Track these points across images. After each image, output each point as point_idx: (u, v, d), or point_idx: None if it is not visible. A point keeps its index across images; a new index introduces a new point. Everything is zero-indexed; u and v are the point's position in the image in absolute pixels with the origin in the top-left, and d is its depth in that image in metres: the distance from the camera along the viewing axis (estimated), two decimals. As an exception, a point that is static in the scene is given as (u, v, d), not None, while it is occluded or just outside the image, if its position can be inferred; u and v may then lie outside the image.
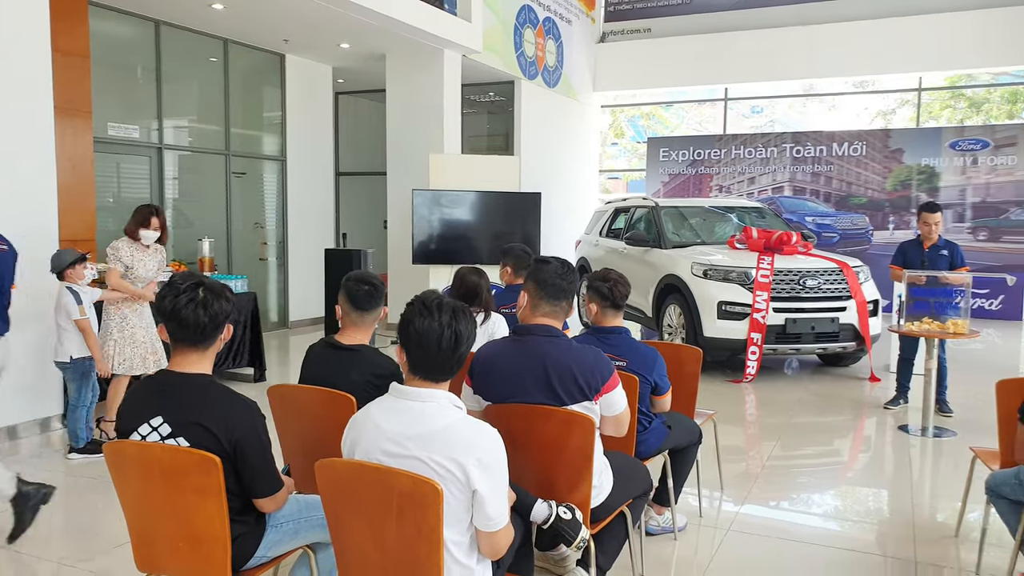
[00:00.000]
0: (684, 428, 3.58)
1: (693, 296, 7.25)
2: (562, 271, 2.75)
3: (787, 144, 12.62)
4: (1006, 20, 11.15)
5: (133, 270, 5.06)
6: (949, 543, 3.64)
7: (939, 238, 5.98)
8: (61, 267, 4.74)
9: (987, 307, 11.18)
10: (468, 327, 2.03)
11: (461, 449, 1.90)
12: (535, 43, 11.40)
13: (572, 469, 2.57)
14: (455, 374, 2.06)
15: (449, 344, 1.98)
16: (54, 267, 4.76)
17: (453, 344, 1.99)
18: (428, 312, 1.99)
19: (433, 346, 1.98)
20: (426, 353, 1.99)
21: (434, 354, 1.99)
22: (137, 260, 5.09)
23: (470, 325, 2.04)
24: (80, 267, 4.78)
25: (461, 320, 2.01)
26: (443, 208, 8.97)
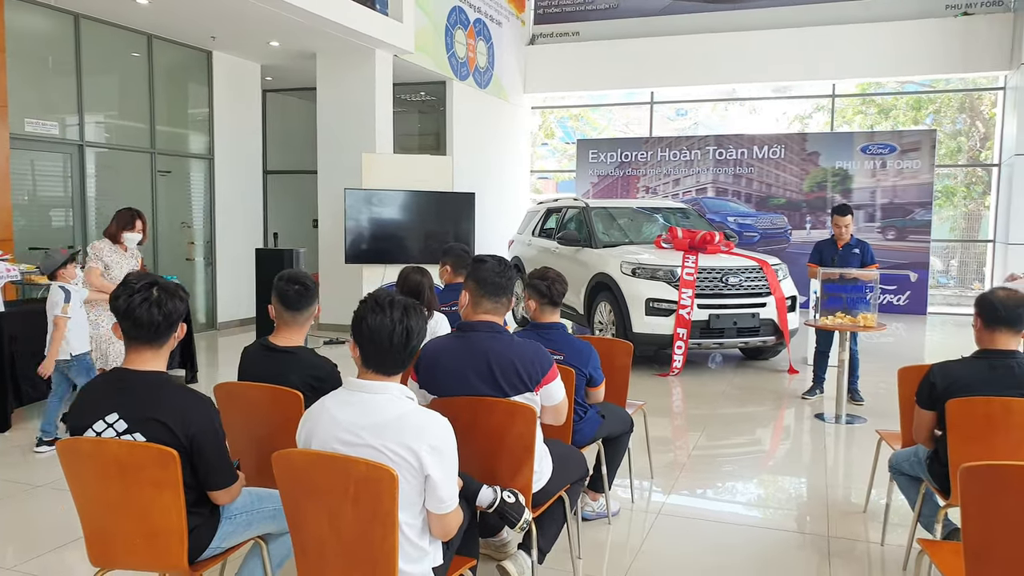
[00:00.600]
0: (617, 418, 3.76)
1: (622, 294, 7.49)
2: (500, 269, 2.87)
3: (710, 147, 13.07)
4: (911, 33, 11.83)
5: (111, 271, 5.13)
6: (859, 519, 3.94)
7: (851, 238, 6.36)
8: (53, 268, 4.78)
9: (895, 302, 11.85)
10: (419, 323, 2.14)
11: (414, 436, 2.01)
12: (466, 44, 11.51)
13: (514, 456, 2.70)
14: (406, 367, 2.17)
15: (401, 339, 2.09)
16: (45, 269, 4.81)
17: (405, 339, 2.10)
18: (380, 309, 2.09)
19: (385, 341, 2.08)
20: (379, 348, 2.09)
21: (386, 349, 2.09)
22: (115, 262, 5.17)
23: (421, 321, 2.15)
24: (72, 266, 4.84)
25: (412, 316, 2.11)
26: (376, 207, 8.99)
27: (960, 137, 17.33)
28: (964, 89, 15.33)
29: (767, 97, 17.02)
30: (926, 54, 11.83)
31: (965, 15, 11.70)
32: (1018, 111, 10.90)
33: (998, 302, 2.88)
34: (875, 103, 17.61)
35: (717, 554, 3.55)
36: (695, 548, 3.63)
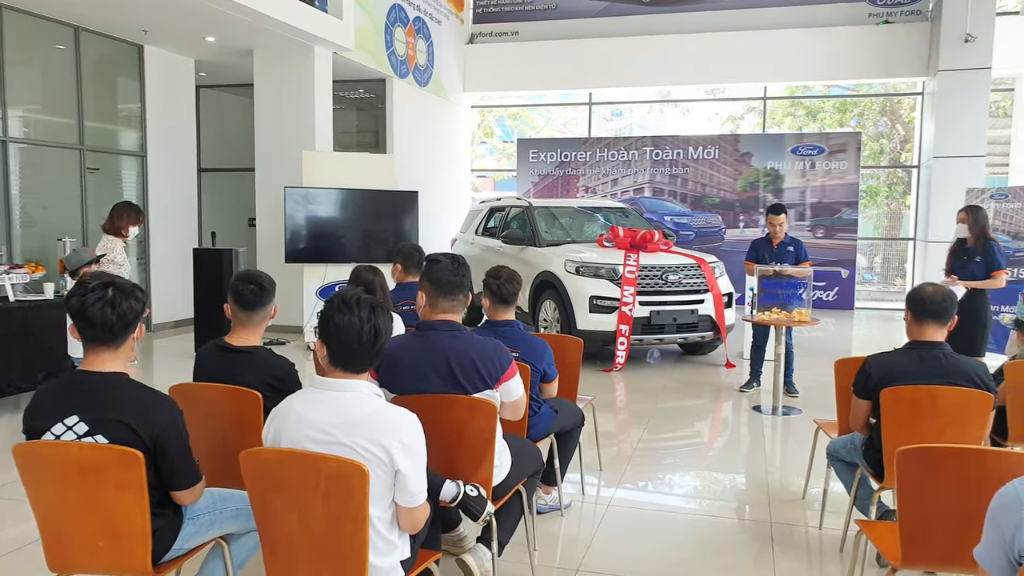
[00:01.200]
0: (569, 412, 3.85)
1: (567, 291, 7.61)
2: (453, 268, 2.92)
3: (647, 147, 13.34)
4: (838, 39, 12.30)
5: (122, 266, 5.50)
6: (798, 505, 4.12)
7: (786, 236, 6.60)
8: (80, 265, 4.91)
9: (824, 298, 12.31)
10: (386, 321, 2.17)
11: (385, 433, 2.05)
12: (406, 42, 11.47)
13: (475, 451, 2.76)
14: (374, 365, 2.19)
15: (369, 338, 2.12)
16: (72, 265, 4.92)
17: (373, 338, 2.12)
18: (348, 308, 2.11)
19: (354, 340, 2.10)
20: (347, 347, 2.11)
21: (355, 348, 2.11)
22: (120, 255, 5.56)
23: (387, 320, 2.18)
24: (95, 267, 4.97)
25: (379, 315, 2.14)
26: (317, 206, 8.88)
27: (882, 139, 18.12)
28: (886, 94, 16.03)
29: (701, 99, 17.45)
30: (851, 60, 12.32)
31: (887, 23, 12.23)
32: (935, 116, 11.46)
33: (926, 297, 3.07)
34: (804, 106, 18.26)
35: (664, 544, 3.67)
36: (643, 539, 3.74)
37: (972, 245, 5.59)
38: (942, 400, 2.98)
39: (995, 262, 5.43)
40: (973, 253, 5.55)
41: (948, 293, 3.11)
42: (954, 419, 2.98)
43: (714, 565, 3.43)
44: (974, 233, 5.58)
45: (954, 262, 5.75)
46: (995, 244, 5.50)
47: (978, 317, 5.42)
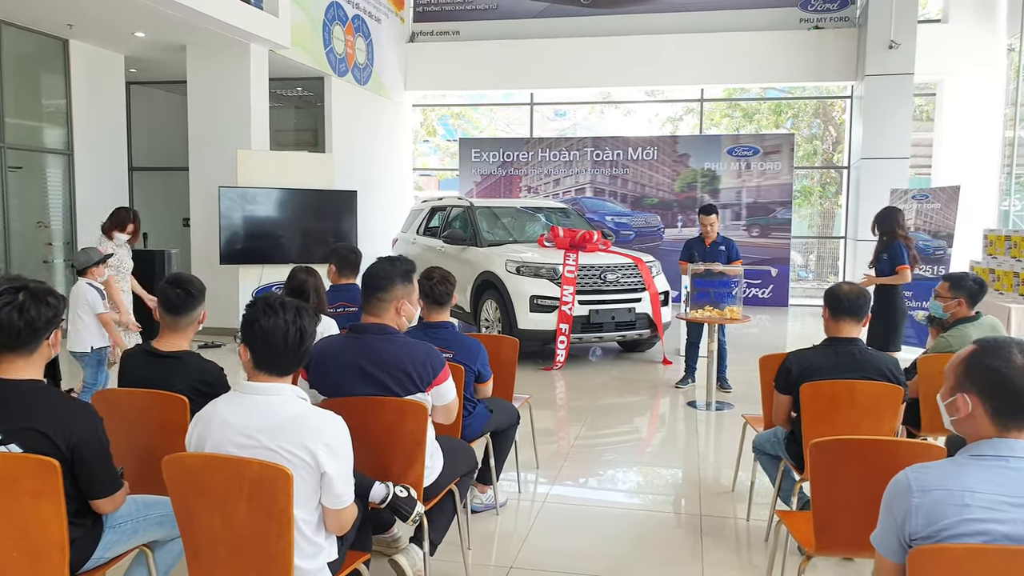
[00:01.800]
0: (504, 411, 3.88)
1: (508, 291, 7.65)
2: (383, 272, 2.91)
3: (588, 148, 13.48)
4: (771, 43, 12.63)
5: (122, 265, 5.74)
6: (727, 497, 4.23)
7: (718, 235, 6.77)
8: (88, 265, 5.03)
9: (759, 295, 12.63)
10: (311, 324, 2.17)
11: (311, 436, 2.04)
12: (344, 40, 11.36)
13: (406, 452, 2.77)
14: (299, 368, 2.19)
15: (295, 341, 2.11)
16: (81, 264, 5.05)
17: (298, 341, 2.12)
18: (272, 311, 2.11)
19: (279, 343, 2.09)
20: (272, 350, 2.10)
21: (280, 351, 2.10)
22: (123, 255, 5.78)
23: (313, 322, 2.18)
24: (102, 266, 5.14)
25: (304, 317, 2.14)
26: (253, 206, 8.74)
27: (815, 141, 18.69)
28: (818, 96, 16.52)
29: (641, 100, 17.71)
30: (784, 63, 12.66)
31: (817, 28, 12.61)
32: (863, 118, 11.86)
33: (843, 295, 3.20)
34: (741, 107, 18.71)
35: (598, 538, 3.74)
36: (578, 534, 3.80)
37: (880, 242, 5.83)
38: (858, 394, 3.10)
39: (898, 258, 5.64)
40: (882, 252, 5.80)
41: (863, 291, 3.25)
42: (869, 412, 3.11)
43: (646, 558, 3.51)
44: (884, 231, 5.82)
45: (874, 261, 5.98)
46: (900, 242, 5.72)
47: (891, 313, 5.67)
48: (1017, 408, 1.67)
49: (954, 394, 1.75)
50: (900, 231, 5.81)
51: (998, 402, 1.67)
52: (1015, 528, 1.59)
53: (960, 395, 1.73)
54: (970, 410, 1.71)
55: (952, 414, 1.76)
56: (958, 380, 1.75)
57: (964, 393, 1.72)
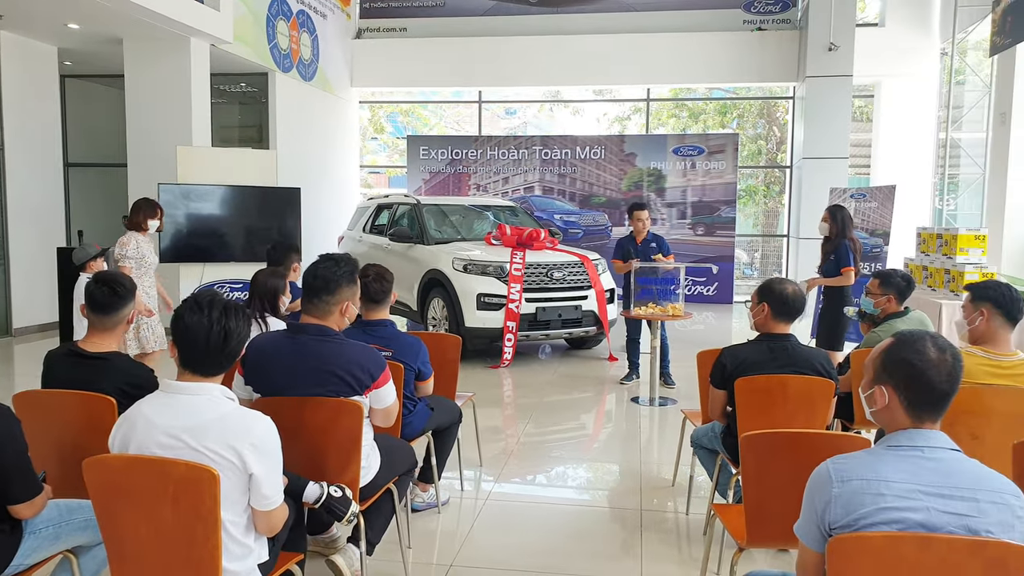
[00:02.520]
0: (446, 410, 3.86)
1: (455, 289, 7.63)
2: (324, 272, 2.87)
3: (536, 147, 13.52)
4: (716, 44, 12.85)
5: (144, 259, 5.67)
6: (668, 492, 4.29)
7: (648, 233, 6.87)
8: (85, 260, 5.12)
9: (704, 293, 12.83)
10: (239, 325, 2.11)
11: (236, 436, 2.00)
12: (289, 35, 11.19)
13: (341, 452, 2.73)
14: (226, 369, 2.14)
15: (218, 341, 2.06)
16: (79, 259, 5.13)
17: (222, 341, 2.07)
18: (198, 308, 2.06)
19: (201, 342, 2.05)
20: (195, 348, 2.06)
21: (202, 350, 2.06)
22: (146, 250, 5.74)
23: (242, 322, 2.13)
24: (100, 261, 5.23)
25: (232, 317, 2.09)
26: (194, 203, 8.54)
27: (760, 141, 19.07)
28: (762, 97, 16.86)
29: (588, 100, 17.84)
30: (728, 64, 12.88)
31: (760, 30, 12.87)
32: (805, 119, 12.14)
33: (789, 297, 3.25)
34: (687, 107, 18.98)
35: (540, 534, 3.75)
36: (519, 530, 3.81)
37: (831, 242, 5.95)
38: (791, 388, 3.17)
39: (844, 260, 5.79)
40: (829, 252, 5.92)
41: (803, 292, 3.32)
42: (802, 406, 3.18)
43: (586, 552, 3.53)
44: (833, 232, 5.94)
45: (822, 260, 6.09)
46: (847, 243, 5.85)
47: (837, 312, 5.81)
48: (930, 400, 1.72)
49: (872, 386, 1.80)
50: (849, 233, 5.93)
51: (912, 394, 1.73)
52: (928, 516, 1.64)
53: (877, 387, 1.78)
54: (887, 402, 1.76)
55: (871, 406, 1.81)
56: (876, 373, 1.80)
57: (881, 385, 1.77)
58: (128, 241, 5.64)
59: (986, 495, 1.65)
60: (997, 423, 2.98)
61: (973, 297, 3.13)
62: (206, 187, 8.52)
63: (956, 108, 11.16)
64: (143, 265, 5.61)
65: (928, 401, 1.73)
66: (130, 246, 5.61)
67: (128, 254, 5.55)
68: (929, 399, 1.72)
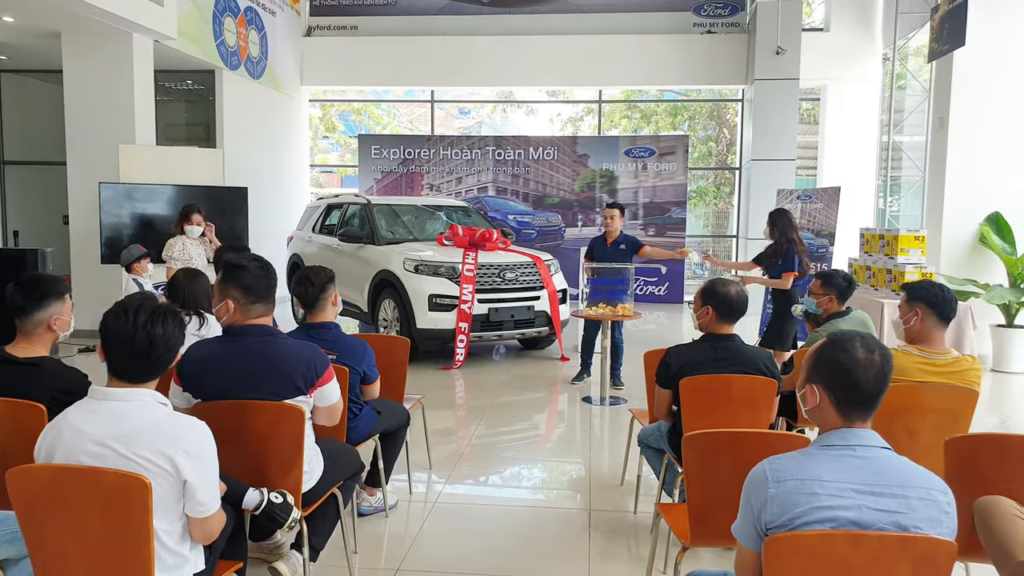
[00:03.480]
0: (393, 413, 3.82)
1: (406, 290, 7.57)
2: (261, 271, 2.81)
3: (490, 147, 13.50)
4: (667, 47, 12.99)
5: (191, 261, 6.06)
6: (616, 491, 4.31)
7: (620, 233, 6.91)
8: (131, 261, 5.32)
9: (656, 293, 12.97)
10: (168, 330, 2.04)
11: (168, 443, 1.95)
12: (236, 32, 10.98)
13: (283, 457, 2.68)
14: (157, 376, 2.07)
15: (143, 347, 2.00)
16: (124, 260, 5.32)
17: (147, 347, 2.00)
18: (124, 314, 2.00)
19: (124, 348, 1.99)
20: (120, 355, 1.99)
21: (126, 356, 1.99)
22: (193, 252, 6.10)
23: (171, 328, 2.06)
24: (145, 262, 5.43)
25: (159, 323, 2.02)
26: (137, 203, 8.32)
27: (710, 142, 19.35)
28: (712, 99, 17.11)
29: (541, 100, 17.89)
30: (679, 66, 13.04)
31: (709, 33, 13.05)
32: (754, 121, 12.35)
33: (734, 300, 3.29)
34: (639, 109, 19.16)
35: (488, 536, 3.73)
36: (468, 532, 3.79)
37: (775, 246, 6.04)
38: (735, 388, 3.21)
39: (788, 265, 5.89)
40: (775, 255, 6.02)
41: (746, 294, 3.37)
42: (746, 405, 3.22)
43: (535, 553, 3.53)
44: (775, 235, 6.05)
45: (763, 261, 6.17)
46: (793, 247, 5.95)
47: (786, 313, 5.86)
48: (858, 400, 1.75)
49: (805, 386, 1.82)
50: (795, 235, 6.00)
51: (841, 394, 1.76)
52: (860, 514, 1.67)
53: (809, 386, 1.81)
54: (818, 401, 1.79)
55: (804, 404, 1.84)
56: (808, 372, 1.83)
57: (813, 384, 1.80)
58: (174, 243, 6.21)
59: (915, 492, 1.69)
60: (931, 420, 3.06)
61: (908, 298, 3.21)
62: (150, 186, 8.32)
63: (898, 112, 11.46)
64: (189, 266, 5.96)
65: (856, 401, 1.76)
66: (176, 248, 6.18)
67: (174, 256, 6.08)
68: (857, 399, 1.75)
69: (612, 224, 6.84)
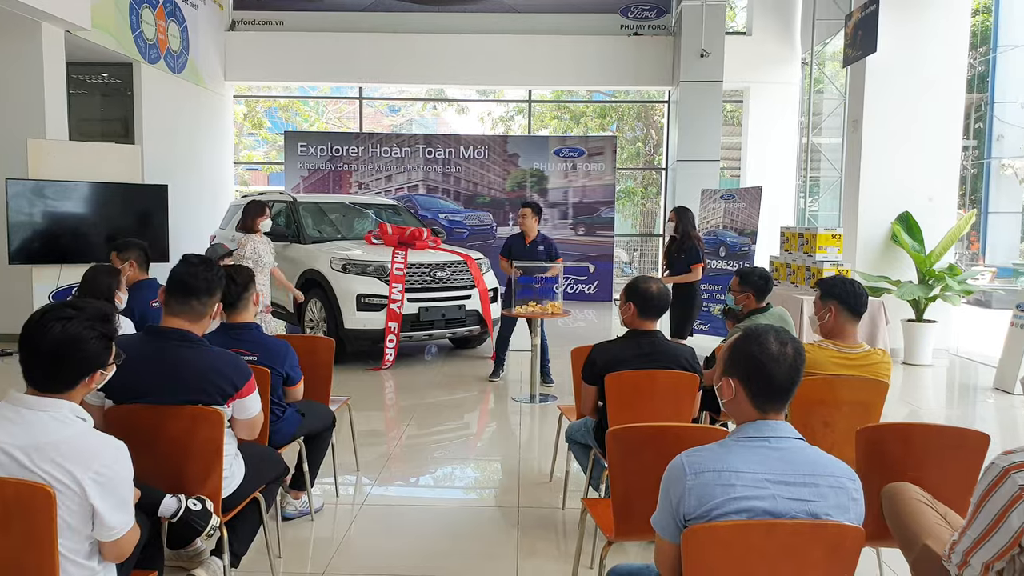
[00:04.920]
0: (317, 415, 3.75)
1: (333, 290, 7.44)
2: (191, 269, 2.74)
3: (420, 145, 13.41)
4: (595, 48, 13.13)
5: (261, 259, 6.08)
6: (545, 488, 4.34)
7: (537, 234, 6.96)
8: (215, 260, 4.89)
9: (586, 291, 13.11)
10: (80, 345, 1.91)
11: (78, 462, 1.85)
12: (155, 25, 10.61)
13: (202, 463, 2.60)
14: (72, 389, 1.96)
15: (52, 359, 1.90)
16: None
17: (57, 360, 1.90)
18: (37, 316, 1.91)
19: (33, 359, 1.90)
20: (31, 365, 1.90)
21: (38, 366, 1.90)
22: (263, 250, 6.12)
23: (89, 342, 1.93)
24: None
25: (66, 326, 1.92)
26: (48, 201, 7.94)
27: (638, 143, 19.68)
28: (639, 100, 17.40)
29: (471, 99, 17.88)
30: (607, 67, 13.20)
31: (636, 35, 13.26)
32: (679, 123, 12.60)
33: (653, 296, 3.34)
34: (568, 110, 19.34)
35: (416, 537, 3.70)
36: (396, 534, 3.75)
37: (678, 242, 6.43)
38: (658, 383, 3.27)
39: (694, 258, 6.45)
40: (680, 251, 6.41)
41: (667, 290, 3.43)
42: (669, 400, 3.29)
43: (464, 552, 3.52)
44: (679, 230, 6.53)
45: (669, 258, 6.66)
46: (694, 243, 6.49)
47: (687, 306, 6.45)
48: (771, 392, 1.80)
49: (721, 379, 1.87)
50: (694, 232, 6.57)
51: (755, 386, 1.80)
52: (774, 504, 1.72)
53: (725, 380, 1.85)
54: (734, 394, 1.83)
55: (721, 397, 1.88)
56: (724, 366, 1.87)
57: (729, 378, 1.84)
58: (246, 243, 6.24)
59: (825, 480, 1.75)
60: (846, 410, 3.17)
61: (821, 295, 3.32)
62: (62, 183, 7.95)
63: (816, 115, 11.88)
64: (260, 264, 6.09)
65: (769, 393, 1.81)
66: (247, 247, 6.21)
67: (247, 255, 6.09)
68: (770, 391, 1.80)
69: (525, 223, 6.92)
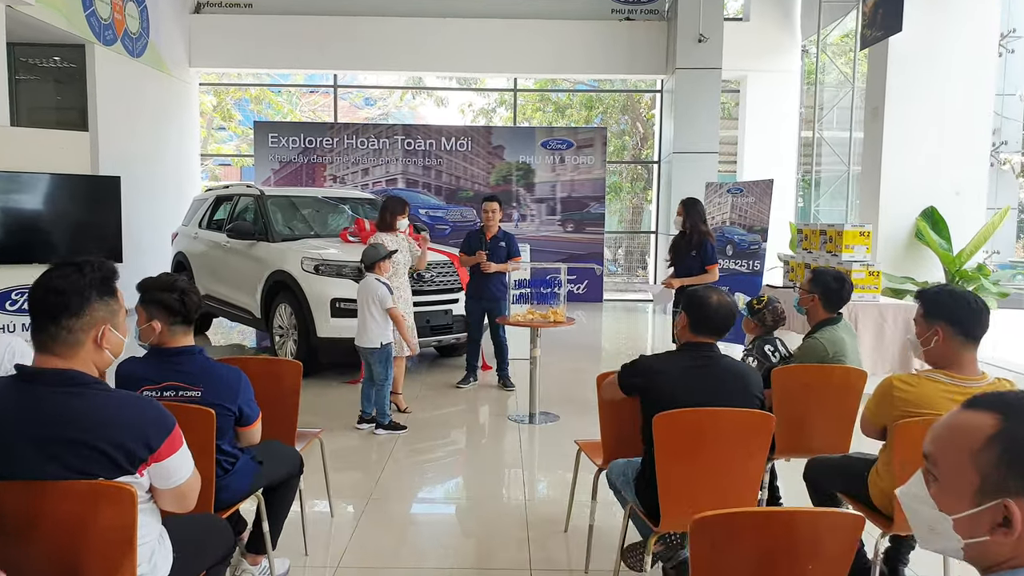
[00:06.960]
0: (280, 459, 2.98)
1: (304, 293, 6.65)
2: (50, 278, 1.94)
3: (398, 136, 12.61)
4: (583, 33, 12.39)
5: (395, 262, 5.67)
6: (560, 540, 3.56)
7: (499, 229, 6.34)
8: (376, 260, 5.15)
9: (575, 291, 12.38)
10: None
11: None
12: (111, 3, 9.73)
13: (107, 556, 1.83)
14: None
15: None
16: (369, 260, 5.17)
17: None
18: None
19: None
20: None
21: None
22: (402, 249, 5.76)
23: None
24: (387, 262, 5.22)
25: None
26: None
27: (625, 136, 19.01)
28: (628, 90, 16.70)
29: (453, 88, 17.07)
30: (596, 54, 12.46)
31: (628, 20, 12.54)
32: (674, 112, 11.92)
33: (710, 307, 2.64)
34: (552, 102, 18.61)
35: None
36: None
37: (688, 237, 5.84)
38: (722, 422, 2.54)
39: (709, 258, 5.75)
40: (690, 248, 5.80)
41: (732, 304, 2.71)
42: (738, 443, 2.56)
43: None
44: (687, 225, 5.85)
45: (675, 255, 5.99)
46: (708, 240, 5.80)
47: None
48: None
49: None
50: (705, 226, 5.86)
51: None
52: None
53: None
54: None
55: None
56: None
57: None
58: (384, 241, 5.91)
59: None
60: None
61: (925, 313, 2.57)
62: (2, 174, 7.08)
63: (819, 107, 11.26)
64: (395, 265, 5.66)
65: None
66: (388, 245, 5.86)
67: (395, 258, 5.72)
68: None
69: (493, 219, 6.37)
